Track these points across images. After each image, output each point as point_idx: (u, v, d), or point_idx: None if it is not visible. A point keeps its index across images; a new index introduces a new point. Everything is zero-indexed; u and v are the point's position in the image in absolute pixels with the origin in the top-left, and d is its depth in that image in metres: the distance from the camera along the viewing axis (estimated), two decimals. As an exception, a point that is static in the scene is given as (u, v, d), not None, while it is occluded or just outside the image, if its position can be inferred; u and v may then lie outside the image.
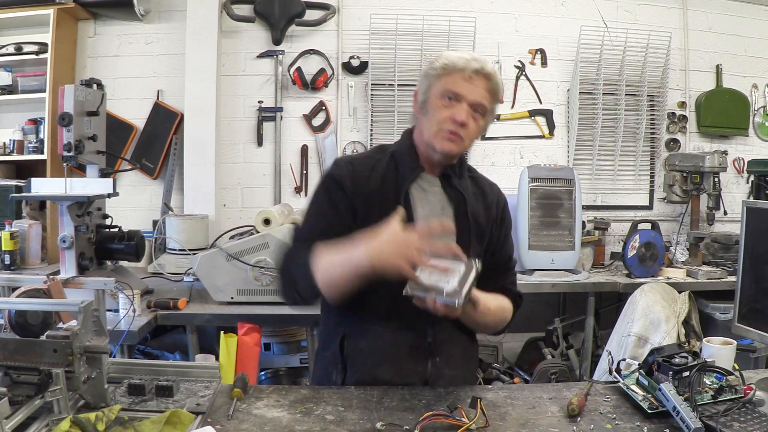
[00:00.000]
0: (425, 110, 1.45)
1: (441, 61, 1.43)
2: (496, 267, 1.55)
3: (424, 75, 1.47)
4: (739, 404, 1.25)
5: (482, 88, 1.41)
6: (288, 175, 3.68)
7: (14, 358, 1.13)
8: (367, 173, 1.46)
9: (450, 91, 1.40)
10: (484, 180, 1.61)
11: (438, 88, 1.42)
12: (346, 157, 1.56)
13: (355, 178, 1.44)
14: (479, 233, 1.51)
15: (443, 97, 1.41)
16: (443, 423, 1.19)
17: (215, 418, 1.23)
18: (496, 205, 1.56)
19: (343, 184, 1.44)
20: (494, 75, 1.42)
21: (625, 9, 3.77)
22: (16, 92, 3.41)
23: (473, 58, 1.41)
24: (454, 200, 1.49)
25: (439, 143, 1.42)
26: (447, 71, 1.41)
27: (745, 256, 1.70)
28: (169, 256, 3.10)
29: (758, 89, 3.89)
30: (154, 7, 3.57)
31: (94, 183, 2.49)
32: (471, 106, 1.40)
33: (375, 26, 3.55)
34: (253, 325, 2.41)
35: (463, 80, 1.39)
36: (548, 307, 3.63)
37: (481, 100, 1.41)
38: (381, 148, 1.56)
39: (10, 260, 2.90)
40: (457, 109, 1.39)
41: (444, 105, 1.41)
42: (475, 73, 1.40)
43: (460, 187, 1.50)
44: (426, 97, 1.45)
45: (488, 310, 1.42)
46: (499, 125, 3.75)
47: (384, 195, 1.45)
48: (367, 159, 1.51)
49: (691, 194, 3.45)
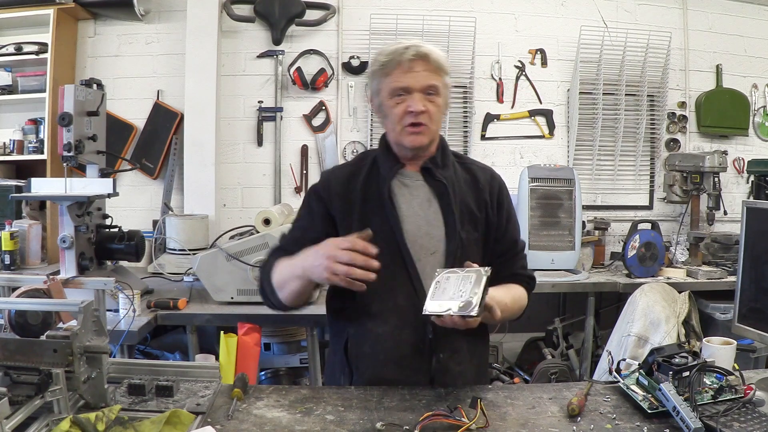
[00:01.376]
0: (383, 113, 1.49)
1: (378, 61, 1.46)
2: (503, 253, 1.55)
3: (370, 77, 1.51)
4: (739, 404, 1.25)
5: (425, 70, 1.42)
6: (288, 175, 3.68)
7: (14, 358, 1.13)
8: (346, 180, 1.52)
9: (396, 88, 1.43)
10: (476, 165, 1.60)
11: (386, 89, 1.45)
12: (330, 168, 1.63)
13: (332, 188, 1.51)
14: (472, 220, 1.50)
15: (393, 95, 1.44)
16: (443, 423, 1.19)
17: (215, 418, 1.23)
18: (489, 189, 1.55)
19: (320, 195, 1.51)
20: (431, 52, 1.43)
21: (625, 9, 3.77)
22: (16, 92, 3.41)
23: (405, 46, 1.43)
24: (439, 191, 1.50)
25: (407, 139, 1.45)
26: (387, 70, 1.44)
27: (745, 256, 1.70)
28: (169, 256, 3.10)
29: (758, 89, 3.89)
30: (154, 7, 3.57)
31: (94, 183, 2.49)
32: (422, 92, 1.42)
33: (375, 26, 3.55)
34: (253, 325, 2.41)
35: (404, 72, 1.42)
36: (548, 307, 3.63)
37: (428, 82, 1.42)
38: (364, 155, 1.60)
39: (10, 260, 2.90)
40: (411, 101, 1.42)
41: (397, 102, 1.44)
42: (412, 61, 1.41)
43: (442, 177, 1.50)
44: (379, 100, 1.48)
45: (505, 307, 1.42)
46: (499, 125, 3.76)
47: (366, 198, 1.49)
48: (349, 167, 1.57)
49: (691, 194, 3.45)
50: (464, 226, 1.48)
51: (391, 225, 1.45)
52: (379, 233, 1.43)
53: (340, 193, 1.50)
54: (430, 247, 1.47)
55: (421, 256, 1.46)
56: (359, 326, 1.47)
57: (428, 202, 1.49)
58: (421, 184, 1.51)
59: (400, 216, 1.46)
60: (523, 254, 1.61)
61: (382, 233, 1.44)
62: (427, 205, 1.49)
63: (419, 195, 1.50)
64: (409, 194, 1.50)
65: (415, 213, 1.48)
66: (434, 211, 1.49)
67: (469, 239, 1.48)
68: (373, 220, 1.45)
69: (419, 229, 1.47)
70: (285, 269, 1.43)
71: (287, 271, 1.42)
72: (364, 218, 1.46)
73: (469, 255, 1.47)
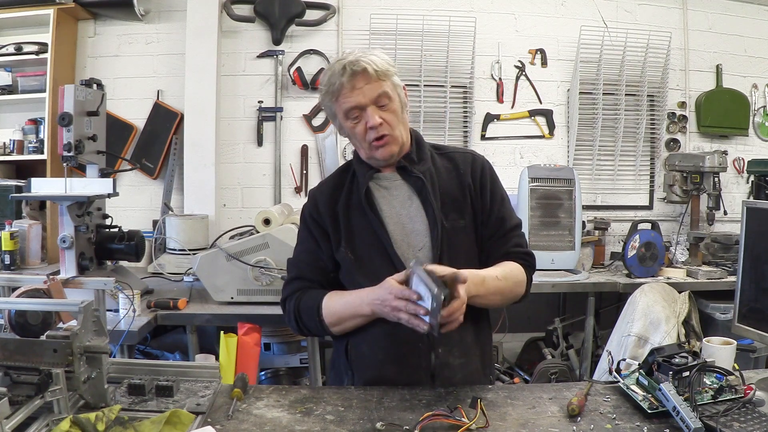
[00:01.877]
0: (345, 134, 1.51)
1: (323, 89, 1.48)
2: (492, 234, 1.52)
3: (322, 104, 1.52)
4: (739, 404, 1.25)
5: (366, 84, 1.42)
6: (288, 175, 3.68)
7: (14, 358, 1.13)
8: (331, 193, 1.55)
9: (348, 109, 1.44)
10: (457, 152, 1.59)
11: (340, 113, 1.47)
12: (317, 186, 1.64)
13: (320, 206, 1.54)
14: (456, 208, 1.50)
15: (348, 117, 1.45)
16: (443, 423, 1.19)
17: (215, 418, 1.23)
18: (471, 172, 1.54)
19: (313, 216, 1.55)
20: (365, 63, 1.41)
21: (625, 9, 3.77)
22: (16, 92, 3.41)
23: (342, 66, 1.42)
24: (417, 187, 1.50)
25: (377, 153, 1.47)
26: (334, 96, 1.45)
27: (745, 256, 1.70)
28: (169, 256, 3.10)
29: (758, 89, 3.89)
30: (154, 7, 3.57)
31: (94, 183, 2.49)
32: (374, 104, 1.43)
33: (375, 26, 3.55)
34: (253, 325, 2.41)
35: (350, 93, 1.42)
36: (548, 307, 3.63)
37: (376, 94, 1.43)
38: (346, 166, 1.62)
39: (10, 260, 2.90)
40: (366, 117, 1.43)
41: (355, 123, 1.45)
42: (352, 79, 1.41)
43: (419, 172, 1.50)
44: (339, 122, 1.50)
45: (497, 289, 1.42)
46: (499, 125, 3.76)
47: (350, 207, 1.51)
48: (332, 180, 1.60)
49: (691, 194, 3.45)
50: (448, 215, 1.48)
51: (375, 230, 1.47)
52: (365, 239, 1.47)
53: (327, 208, 1.53)
54: (416, 243, 1.48)
55: (409, 254, 1.47)
56: (359, 328, 1.47)
57: (409, 200, 1.51)
58: (399, 183, 1.52)
59: (382, 219, 1.48)
60: (516, 233, 1.55)
61: (368, 239, 1.47)
62: (408, 203, 1.50)
63: (399, 194, 1.51)
64: (388, 195, 1.52)
65: (396, 213, 1.50)
66: (416, 208, 1.49)
67: (456, 227, 1.48)
68: (358, 227, 1.48)
69: (403, 228, 1.48)
70: (343, 308, 1.45)
71: (347, 311, 1.44)
72: (349, 228, 1.49)
73: (458, 243, 1.48)
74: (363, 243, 1.48)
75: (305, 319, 1.50)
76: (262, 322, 2.47)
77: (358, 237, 1.49)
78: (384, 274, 1.41)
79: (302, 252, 1.57)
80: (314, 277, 1.54)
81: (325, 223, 1.52)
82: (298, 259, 1.58)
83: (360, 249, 1.49)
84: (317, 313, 1.47)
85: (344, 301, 1.45)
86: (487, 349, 1.58)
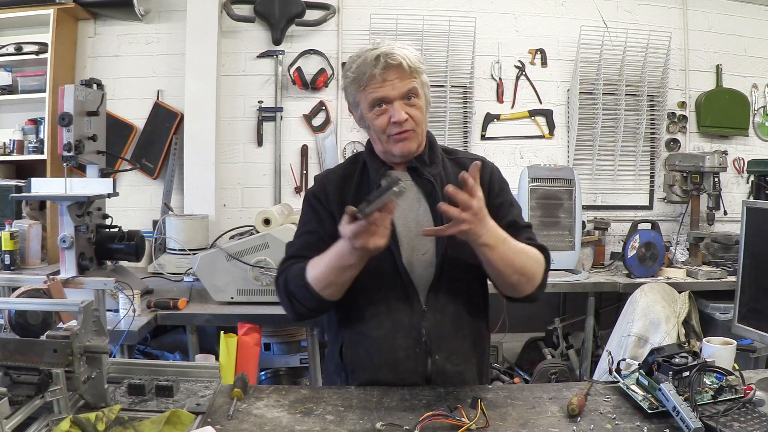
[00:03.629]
0: (366, 125, 1.47)
1: (349, 75, 1.43)
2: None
3: (345, 90, 1.48)
4: (739, 404, 1.25)
5: (398, 78, 1.39)
6: (288, 175, 3.68)
7: (14, 358, 1.13)
8: (340, 183, 1.51)
9: (375, 100, 1.40)
10: (467, 158, 1.57)
11: (364, 103, 1.43)
12: (323, 172, 1.60)
13: (328, 191, 1.50)
14: None
15: (373, 108, 1.41)
16: (443, 423, 1.19)
17: (215, 418, 1.23)
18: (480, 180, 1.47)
19: (320, 197, 1.50)
20: (400, 57, 1.38)
21: (625, 9, 3.77)
22: (16, 92, 3.41)
23: (375, 56, 1.38)
24: (427, 190, 1.48)
25: (395, 148, 1.43)
26: (361, 85, 1.41)
27: (745, 256, 1.70)
28: (169, 256, 3.10)
29: (758, 89, 3.89)
30: (154, 7, 3.57)
31: (94, 183, 2.49)
32: (402, 99, 1.40)
33: (375, 26, 3.55)
34: (253, 325, 2.41)
35: (380, 85, 1.39)
36: (548, 307, 3.63)
37: (406, 89, 1.40)
38: (356, 157, 1.59)
39: (10, 260, 2.90)
40: (392, 111, 1.39)
41: (378, 114, 1.41)
42: (384, 71, 1.38)
43: (430, 175, 1.47)
44: (359, 113, 1.46)
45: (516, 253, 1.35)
46: (499, 125, 3.76)
47: (359, 199, 1.43)
48: (342, 170, 1.56)
49: (691, 194, 3.45)
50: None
51: None
52: None
53: (335, 195, 1.49)
54: (420, 247, 1.45)
55: (413, 257, 1.44)
56: (353, 331, 1.46)
57: (417, 202, 1.48)
58: (409, 184, 1.49)
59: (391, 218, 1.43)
60: (527, 231, 1.51)
61: None
62: (416, 205, 1.48)
63: (408, 196, 1.47)
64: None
65: (404, 214, 1.47)
66: (424, 211, 1.47)
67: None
68: None
69: (409, 230, 1.46)
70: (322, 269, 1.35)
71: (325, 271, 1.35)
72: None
73: (463, 250, 1.45)
74: None
75: (293, 288, 1.41)
76: (262, 322, 2.47)
77: None
78: (383, 273, 1.41)
79: (303, 233, 1.51)
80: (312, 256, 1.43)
81: (331, 206, 1.47)
82: (297, 239, 1.52)
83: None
84: (302, 277, 1.38)
85: (319, 261, 1.37)
86: (484, 357, 1.56)
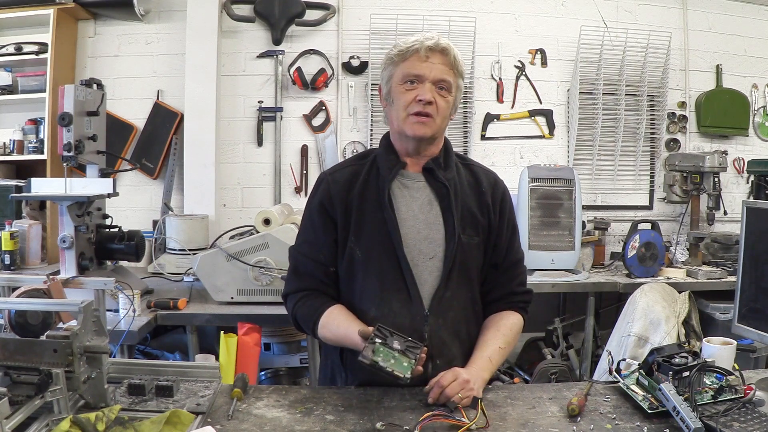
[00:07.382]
0: (390, 100, 1.46)
1: (396, 48, 1.43)
2: (499, 264, 1.51)
3: (384, 65, 1.47)
4: (739, 404, 1.25)
5: (441, 63, 1.40)
6: (288, 175, 3.68)
7: (14, 358, 1.13)
8: (347, 182, 1.48)
9: (409, 74, 1.40)
10: (479, 168, 1.57)
11: (398, 75, 1.42)
12: (329, 170, 1.56)
13: (333, 191, 1.47)
14: (473, 223, 1.47)
15: (404, 81, 1.41)
16: (443, 423, 1.19)
17: (215, 418, 1.23)
18: (492, 193, 1.51)
19: (323, 201, 1.47)
20: (450, 48, 1.41)
21: (625, 9, 3.77)
22: (16, 92, 3.41)
23: (426, 37, 1.40)
24: (440, 193, 1.46)
25: (409, 128, 1.41)
26: (403, 57, 1.41)
27: (745, 256, 1.70)
28: (169, 256, 3.10)
29: (758, 89, 3.89)
30: (154, 7, 3.57)
31: (94, 183, 2.49)
32: (434, 84, 1.40)
33: (375, 26, 3.55)
34: (253, 325, 2.41)
35: (420, 61, 1.39)
36: (548, 307, 3.62)
37: (442, 76, 1.40)
38: (365, 154, 1.57)
39: (10, 260, 2.90)
40: (421, 90, 1.39)
41: (407, 89, 1.41)
42: (431, 51, 1.39)
43: (444, 178, 1.46)
44: (389, 87, 1.45)
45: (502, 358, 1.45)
46: (499, 125, 3.76)
47: (364, 199, 1.45)
48: (350, 167, 1.52)
49: (691, 194, 3.45)
50: (465, 229, 1.45)
51: (388, 229, 1.41)
52: (375, 237, 1.42)
53: (340, 197, 1.46)
54: (428, 251, 1.43)
55: (419, 261, 1.43)
56: None
57: (429, 205, 1.46)
58: (422, 185, 1.47)
59: (398, 219, 1.42)
60: (520, 269, 1.56)
61: (378, 237, 1.42)
62: (428, 208, 1.45)
63: (420, 197, 1.46)
64: (409, 196, 1.46)
65: (414, 216, 1.44)
66: (435, 214, 1.45)
67: (470, 244, 1.45)
68: (370, 222, 1.43)
69: (418, 233, 1.43)
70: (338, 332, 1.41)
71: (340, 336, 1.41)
72: (360, 221, 1.44)
73: (470, 260, 1.45)
74: (371, 240, 1.42)
75: (302, 325, 1.50)
76: (262, 322, 2.47)
77: (368, 232, 1.43)
78: (387, 275, 1.40)
79: (303, 243, 1.52)
80: (313, 272, 1.48)
81: (335, 212, 1.45)
82: (298, 251, 1.52)
83: (367, 245, 1.43)
84: (314, 327, 1.45)
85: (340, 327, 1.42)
86: None
